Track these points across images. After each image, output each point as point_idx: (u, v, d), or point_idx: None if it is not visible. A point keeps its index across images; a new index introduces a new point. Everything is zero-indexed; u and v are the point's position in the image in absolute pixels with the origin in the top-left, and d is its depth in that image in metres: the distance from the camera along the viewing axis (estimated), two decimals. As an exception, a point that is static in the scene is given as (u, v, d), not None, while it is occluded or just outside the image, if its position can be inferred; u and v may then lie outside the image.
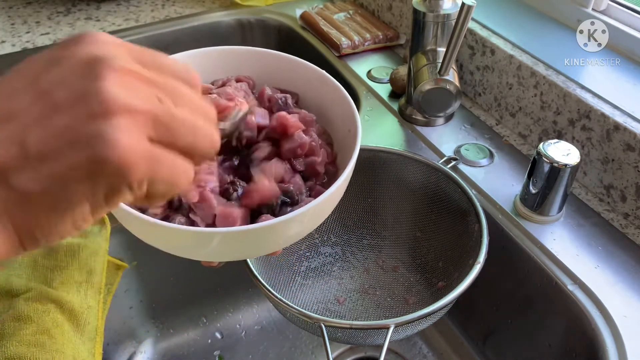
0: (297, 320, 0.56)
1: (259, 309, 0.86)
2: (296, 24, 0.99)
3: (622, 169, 0.60)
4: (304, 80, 0.49)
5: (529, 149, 0.71)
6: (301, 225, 0.40)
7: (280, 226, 0.37)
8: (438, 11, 0.69)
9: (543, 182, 0.58)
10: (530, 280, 0.60)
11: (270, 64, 0.50)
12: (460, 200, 0.62)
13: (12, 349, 0.47)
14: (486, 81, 0.76)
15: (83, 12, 1.01)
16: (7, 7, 1.03)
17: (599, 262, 0.57)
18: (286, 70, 0.50)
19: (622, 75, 0.67)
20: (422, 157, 0.65)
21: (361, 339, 0.57)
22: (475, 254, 0.56)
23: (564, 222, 0.61)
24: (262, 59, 0.50)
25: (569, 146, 0.57)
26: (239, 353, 0.81)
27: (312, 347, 0.81)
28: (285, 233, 0.39)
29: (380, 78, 0.85)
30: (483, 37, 0.74)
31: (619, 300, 0.54)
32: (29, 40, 0.93)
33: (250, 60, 0.51)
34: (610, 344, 0.51)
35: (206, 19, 0.99)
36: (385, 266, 0.70)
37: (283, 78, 0.50)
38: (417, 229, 0.68)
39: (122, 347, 0.81)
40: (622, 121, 0.59)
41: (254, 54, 0.51)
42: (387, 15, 0.96)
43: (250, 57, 0.51)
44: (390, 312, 0.65)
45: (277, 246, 0.42)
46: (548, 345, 0.61)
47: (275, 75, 0.50)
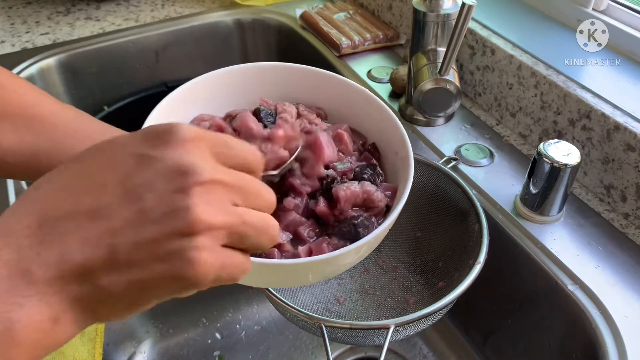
0: (297, 321, 0.56)
1: (259, 309, 0.86)
2: (296, 24, 0.99)
3: (622, 169, 0.60)
4: (346, 98, 0.49)
5: (529, 149, 0.71)
6: (356, 255, 0.40)
7: (340, 256, 0.37)
8: (438, 11, 0.69)
9: (543, 182, 0.58)
10: (530, 280, 0.60)
11: (303, 80, 0.49)
12: (461, 200, 0.62)
13: (12, 349, 0.47)
14: (486, 81, 0.76)
15: (83, 12, 1.01)
16: (7, 7, 1.03)
17: (599, 262, 0.57)
18: (328, 87, 0.49)
19: (622, 75, 0.67)
20: (422, 157, 0.65)
21: (361, 339, 0.57)
22: (475, 254, 0.56)
23: (564, 222, 0.61)
24: (297, 75, 0.49)
25: (569, 146, 0.57)
26: (239, 353, 0.81)
27: (312, 347, 0.81)
28: (339, 262, 0.40)
29: (381, 78, 0.85)
30: (483, 37, 0.74)
31: (619, 300, 0.54)
32: (28, 40, 0.92)
33: (289, 77, 0.49)
34: (610, 344, 0.51)
35: (206, 19, 0.99)
36: (386, 266, 0.70)
37: (324, 95, 0.49)
38: (417, 229, 0.68)
39: (122, 347, 0.81)
40: (623, 121, 0.59)
41: (292, 70, 0.49)
42: (387, 15, 0.96)
43: (288, 73, 0.49)
44: (390, 312, 0.65)
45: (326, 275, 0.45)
46: (548, 345, 0.61)
47: (314, 91, 0.49)
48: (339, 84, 0.49)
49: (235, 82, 0.48)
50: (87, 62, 0.91)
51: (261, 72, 0.49)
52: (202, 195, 0.26)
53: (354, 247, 0.37)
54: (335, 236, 0.40)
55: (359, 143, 0.47)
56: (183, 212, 0.25)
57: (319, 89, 0.49)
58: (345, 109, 0.49)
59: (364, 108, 0.47)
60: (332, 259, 0.37)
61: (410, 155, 0.42)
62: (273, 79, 0.49)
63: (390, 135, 0.45)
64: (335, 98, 0.49)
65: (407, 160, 0.42)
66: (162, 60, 0.96)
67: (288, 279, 0.42)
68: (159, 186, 0.26)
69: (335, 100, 0.49)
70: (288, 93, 0.49)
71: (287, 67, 0.49)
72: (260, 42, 1.03)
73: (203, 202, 0.26)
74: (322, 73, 0.49)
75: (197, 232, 0.26)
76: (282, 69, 0.49)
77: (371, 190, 0.42)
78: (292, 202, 0.41)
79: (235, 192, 0.28)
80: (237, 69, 0.48)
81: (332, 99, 0.49)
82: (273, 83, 0.49)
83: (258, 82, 0.49)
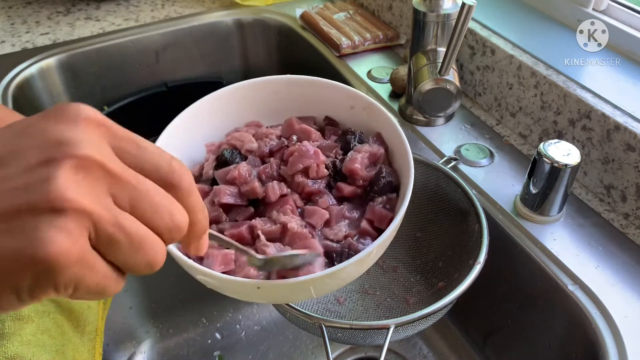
0: (297, 321, 0.56)
1: (259, 309, 0.86)
2: (296, 24, 0.99)
3: (622, 169, 0.60)
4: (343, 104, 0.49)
5: (529, 149, 0.71)
6: (361, 267, 0.40)
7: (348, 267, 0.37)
8: (438, 11, 0.69)
9: (543, 182, 0.58)
10: (530, 280, 0.60)
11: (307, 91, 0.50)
12: (461, 200, 0.62)
13: (12, 348, 0.47)
14: (486, 81, 0.76)
15: (83, 12, 1.01)
16: (7, 7, 1.03)
17: (599, 262, 0.57)
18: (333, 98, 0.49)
19: (622, 75, 0.67)
20: (422, 157, 0.65)
21: (361, 339, 0.57)
22: (475, 254, 0.56)
23: (564, 222, 0.61)
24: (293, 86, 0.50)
25: (569, 146, 0.57)
26: (239, 353, 0.81)
27: (312, 347, 0.81)
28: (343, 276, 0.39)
29: (381, 78, 0.85)
30: (483, 37, 0.74)
31: (619, 300, 0.54)
32: (28, 40, 0.93)
33: (279, 90, 0.50)
34: (610, 344, 0.51)
35: (206, 19, 0.99)
36: (385, 266, 0.70)
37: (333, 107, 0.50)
38: (417, 229, 0.68)
39: (122, 347, 0.81)
40: (623, 121, 0.59)
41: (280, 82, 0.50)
42: (387, 15, 0.96)
43: (276, 86, 0.50)
44: (390, 313, 0.65)
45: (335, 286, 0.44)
46: (548, 345, 0.61)
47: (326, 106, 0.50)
48: (326, 87, 0.49)
49: (225, 105, 0.49)
50: (87, 62, 0.91)
51: (242, 93, 0.50)
52: (72, 170, 0.22)
53: (359, 257, 0.37)
54: (377, 195, 0.43)
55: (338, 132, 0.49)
56: (43, 184, 0.22)
57: (308, 97, 0.50)
58: (326, 107, 0.50)
59: (347, 103, 0.48)
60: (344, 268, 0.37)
61: (408, 152, 0.43)
62: (262, 95, 0.50)
63: (390, 136, 0.46)
64: (320, 101, 0.50)
65: (406, 157, 0.43)
66: (162, 60, 0.96)
67: (287, 296, 0.42)
68: (29, 155, 0.23)
69: (318, 103, 0.50)
70: (279, 107, 0.50)
71: (272, 80, 0.50)
72: (260, 42, 1.03)
73: (70, 177, 0.22)
74: (309, 80, 0.50)
75: (59, 211, 0.22)
76: (264, 83, 0.50)
77: (368, 148, 0.45)
78: (325, 201, 0.43)
79: (121, 186, 0.24)
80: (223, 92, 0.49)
81: (320, 104, 0.50)
82: (263, 98, 0.50)
83: (247, 103, 0.50)
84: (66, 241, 0.22)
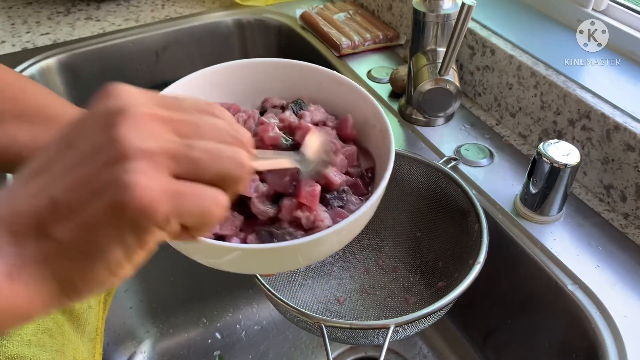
0: (297, 320, 0.56)
1: (259, 309, 0.86)
2: (296, 24, 0.99)
3: (622, 169, 0.60)
4: (319, 84, 0.48)
5: (529, 149, 0.71)
6: (337, 238, 0.39)
7: (323, 239, 0.36)
8: (438, 11, 0.69)
9: (543, 182, 0.58)
10: (530, 280, 0.60)
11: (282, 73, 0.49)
12: (461, 200, 0.62)
13: (12, 348, 0.47)
14: (486, 81, 0.76)
15: (83, 12, 1.01)
16: (7, 7, 1.03)
17: (599, 262, 0.57)
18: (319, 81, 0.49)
19: (622, 75, 0.67)
20: (422, 157, 0.65)
21: (361, 339, 0.57)
22: (475, 254, 0.56)
23: (564, 222, 0.61)
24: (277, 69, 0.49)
25: (569, 146, 0.57)
26: (239, 353, 0.81)
27: (312, 347, 0.81)
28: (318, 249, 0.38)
29: (380, 78, 0.85)
30: (483, 37, 0.75)
31: (619, 300, 0.54)
32: (29, 40, 0.93)
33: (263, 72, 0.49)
34: (610, 344, 0.51)
35: (206, 19, 0.99)
36: (385, 266, 0.70)
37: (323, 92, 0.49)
38: (417, 229, 0.68)
39: (122, 347, 0.82)
40: (622, 121, 0.59)
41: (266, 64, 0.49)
42: (387, 15, 0.96)
43: (262, 69, 0.49)
44: (390, 312, 0.65)
45: (308, 261, 0.42)
46: (548, 345, 0.61)
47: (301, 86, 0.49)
48: (312, 71, 0.48)
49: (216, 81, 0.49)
50: (87, 62, 0.91)
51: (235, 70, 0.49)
52: (131, 124, 0.25)
53: (337, 228, 0.36)
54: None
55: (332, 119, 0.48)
56: (111, 142, 0.25)
57: (293, 81, 0.49)
58: (317, 93, 0.49)
59: (327, 84, 0.48)
60: (326, 236, 0.35)
61: (388, 127, 0.42)
62: (252, 77, 0.49)
63: (366, 112, 0.46)
64: (310, 86, 0.49)
65: (387, 133, 0.42)
66: (163, 61, 0.96)
67: (275, 264, 0.40)
68: (90, 131, 0.26)
69: (310, 88, 0.49)
70: (264, 88, 0.49)
71: (260, 62, 0.49)
72: (260, 43, 1.03)
73: (131, 129, 0.25)
74: (294, 63, 0.49)
75: (129, 157, 0.24)
76: (255, 65, 0.49)
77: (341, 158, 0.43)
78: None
79: (179, 125, 0.27)
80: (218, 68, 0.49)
81: (307, 88, 0.49)
82: (252, 80, 0.49)
83: (236, 81, 0.49)
84: (144, 179, 0.24)
